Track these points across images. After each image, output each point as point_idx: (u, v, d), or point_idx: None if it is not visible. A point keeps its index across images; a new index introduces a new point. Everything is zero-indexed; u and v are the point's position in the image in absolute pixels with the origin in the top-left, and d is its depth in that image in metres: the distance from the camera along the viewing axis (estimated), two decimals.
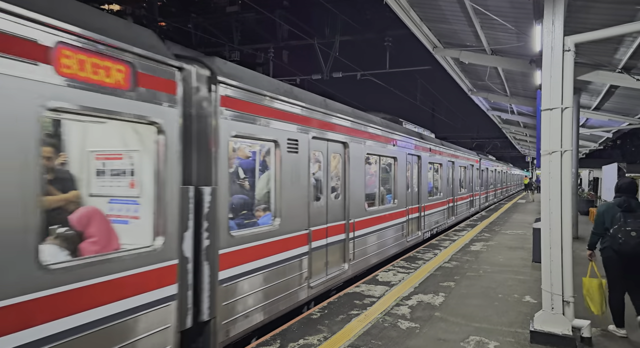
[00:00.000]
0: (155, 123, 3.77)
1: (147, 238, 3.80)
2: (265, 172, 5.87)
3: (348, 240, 7.51)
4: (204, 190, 4.27)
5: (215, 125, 4.44)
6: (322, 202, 6.80)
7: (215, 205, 4.37)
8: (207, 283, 4.31)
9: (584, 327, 4.85)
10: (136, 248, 3.64)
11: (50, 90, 2.92)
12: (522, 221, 17.57)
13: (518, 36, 7.55)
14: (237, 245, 4.75)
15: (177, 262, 3.97)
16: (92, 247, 3.65)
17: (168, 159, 3.89)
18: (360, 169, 7.99)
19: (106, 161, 4.40)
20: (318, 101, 6.76)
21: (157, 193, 3.83)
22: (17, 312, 2.69)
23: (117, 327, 3.36)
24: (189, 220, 4.12)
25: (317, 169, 6.81)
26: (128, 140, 4.11)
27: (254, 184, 5.99)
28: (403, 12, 7.48)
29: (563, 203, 4.80)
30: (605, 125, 15.89)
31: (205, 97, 4.39)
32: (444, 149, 15.00)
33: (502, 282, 7.66)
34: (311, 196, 6.33)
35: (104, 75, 3.30)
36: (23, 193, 2.77)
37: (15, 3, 2.73)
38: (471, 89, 13.61)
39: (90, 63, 3.20)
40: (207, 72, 4.42)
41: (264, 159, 6.02)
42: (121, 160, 4.29)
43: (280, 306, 5.58)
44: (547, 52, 4.86)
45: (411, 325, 5.44)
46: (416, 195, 11.72)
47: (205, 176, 4.36)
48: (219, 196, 4.42)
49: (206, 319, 4.30)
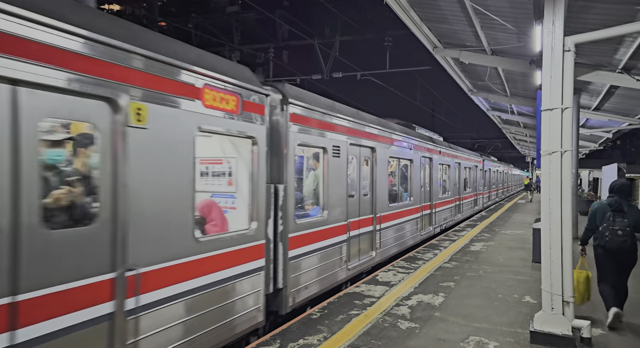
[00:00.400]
0: (251, 137, 5.06)
1: (244, 223, 5.05)
2: (313, 173, 7.10)
3: (375, 231, 8.79)
4: (279, 187, 5.58)
5: (286, 137, 5.75)
6: (355, 198, 7.97)
7: (286, 198, 5.67)
8: (281, 259, 5.65)
9: (583, 327, 4.85)
10: (239, 230, 4.90)
11: (200, 117, 4.25)
12: (522, 221, 17.57)
13: (518, 36, 7.56)
14: (299, 231, 6.05)
15: (264, 241, 5.26)
16: (213, 228, 4.93)
17: (259, 164, 5.19)
18: (384, 170, 9.23)
19: (209, 165, 5.83)
20: (352, 113, 7.93)
21: (252, 190, 5.12)
22: (180, 271, 4.01)
23: (231, 287, 4.66)
24: (271, 210, 5.45)
25: (352, 170, 7.91)
26: (226, 149, 5.49)
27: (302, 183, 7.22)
28: (403, 12, 7.49)
29: (563, 203, 4.80)
30: (605, 125, 15.90)
31: (280, 115, 5.74)
32: (452, 151, 16.12)
33: (502, 282, 7.66)
34: (348, 193, 7.56)
35: (226, 104, 4.62)
36: (189, 190, 4.12)
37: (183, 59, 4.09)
38: (471, 89, 13.62)
39: (219, 97, 4.52)
40: (280, 96, 5.74)
41: (313, 162, 7.24)
42: (221, 164, 5.65)
43: (327, 282, 6.89)
44: (547, 52, 4.86)
45: (411, 325, 5.44)
46: (428, 194, 12.86)
47: (279, 176, 5.68)
48: (288, 192, 5.70)
49: (280, 287, 5.64)
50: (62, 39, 3.02)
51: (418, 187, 11.73)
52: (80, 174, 3.54)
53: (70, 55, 3.07)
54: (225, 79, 4.58)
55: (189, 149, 4.11)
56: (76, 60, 3.11)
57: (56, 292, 2.97)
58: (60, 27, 3.00)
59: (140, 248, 3.60)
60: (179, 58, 4.03)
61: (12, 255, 2.72)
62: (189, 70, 4.11)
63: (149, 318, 3.68)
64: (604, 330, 5.36)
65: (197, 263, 4.20)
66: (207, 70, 4.34)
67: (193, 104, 4.15)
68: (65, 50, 3.05)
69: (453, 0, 6.83)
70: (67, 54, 3.06)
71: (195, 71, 4.19)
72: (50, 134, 3.45)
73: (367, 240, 8.45)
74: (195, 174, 4.22)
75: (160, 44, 3.95)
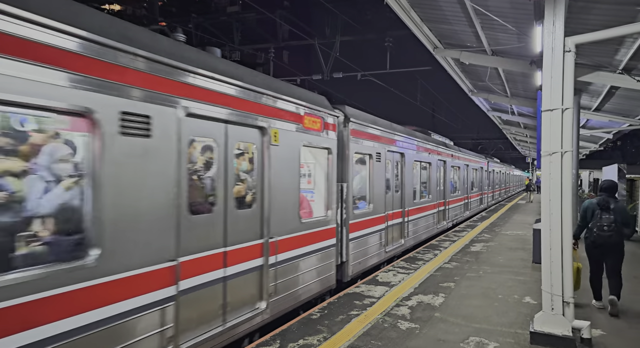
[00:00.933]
0: (327, 148, 7.00)
1: (322, 212, 7.05)
2: (360, 174, 8.71)
3: (404, 222, 10.63)
4: (343, 185, 7.50)
5: (348, 146, 7.67)
6: (390, 194, 9.77)
7: (348, 194, 7.59)
8: (345, 240, 7.58)
9: (584, 328, 4.85)
10: (320, 216, 6.87)
11: (303, 135, 6.17)
12: (523, 222, 17.56)
13: (519, 37, 7.55)
14: (355, 219, 7.94)
15: (335, 225, 7.23)
16: (305, 214, 6.46)
17: (332, 168, 7.15)
18: (410, 171, 11.08)
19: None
20: (388, 125, 9.88)
21: (327, 187, 7.13)
22: (294, 241, 5.97)
23: (320, 255, 6.72)
24: (339, 201, 7.42)
25: (388, 172, 9.69)
26: (306, 156, 6.89)
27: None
28: (404, 12, 7.48)
29: (563, 204, 4.80)
30: (606, 126, 15.88)
31: (343, 130, 7.63)
32: (461, 154, 18.08)
33: (502, 282, 7.66)
34: (386, 191, 9.43)
35: (315, 125, 6.48)
36: (298, 186, 6.14)
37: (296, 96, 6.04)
38: (472, 90, 13.61)
39: (311, 120, 6.39)
40: (343, 116, 7.63)
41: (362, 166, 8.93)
42: (303, 168, 6.85)
43: (372, 261, 8.77)
44: (548, 52, 4.86)
45: (411, 326, 5.44)
46: (442, 193, 14.65)
47: (342, 177, 7.54)
48: (349, 188, 7.65)
49: (344, 260, 7.61)
50: (250, 93, 5.07)
51: (435, 186, 13.60)
52: (247, 175, 5.30)
53: (248, 103, 5.05)
54: (314, 108, 6.49)
55: (297, 158, 6.06)
56: (252, 105, 5.12)
57: (241, 247, 4.97)
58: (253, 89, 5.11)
59: (275, 224, 5.49)
60: (295, 96, 6.02)
61: (224, 225, 4.70)
62: (298, 104, 6.07)
63: (281, 270, 5.62)
64: (603, 331, 5.36)
65: (302, 237, 6.19)
66: (306, 102, 6.24)
67: (299, 126, 6.10)
68: (246, 100, 5.01)
69: (453, 0, 6.82)
70: (247, 103, 5.02)
71: (301, 104, 6.11)
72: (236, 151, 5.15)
73: (398, 229, 10.36)
74: (300, 175, 6.18)
75: (282, 88, 5.87)
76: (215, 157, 4.66)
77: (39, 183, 3.27)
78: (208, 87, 4.42)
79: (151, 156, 3.78)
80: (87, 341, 3.18)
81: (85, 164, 3.35)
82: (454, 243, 12.05)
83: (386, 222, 9.39)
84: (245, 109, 4.95)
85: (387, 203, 9.53)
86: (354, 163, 8.07)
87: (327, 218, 6.96)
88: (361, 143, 8.19)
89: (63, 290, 3.04)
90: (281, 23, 16.75)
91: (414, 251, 10.73)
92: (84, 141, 3.38)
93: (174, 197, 3.99)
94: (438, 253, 10.47)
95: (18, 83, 2.82)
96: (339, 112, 7.38)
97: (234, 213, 4.83)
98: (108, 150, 3.40)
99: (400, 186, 10.48)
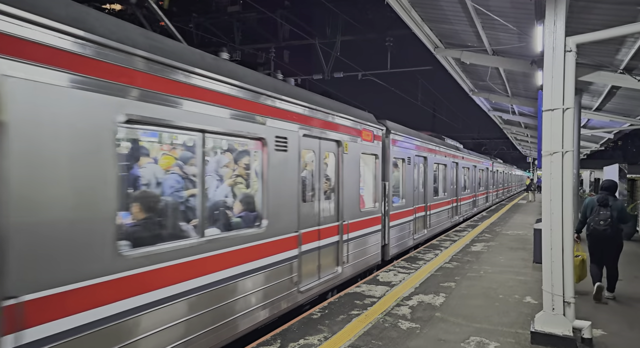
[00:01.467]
0: (375, 154, 8.90)
1: (370, 204, 8.82)
2: (394, 174, 10.10)
3: (426, 215, 12.60)
4: (386, 183, 9.36)
5: (389, 153, 9.59)
6: (416, 191, 11.67)
7: (389, 190, 9.49)
8: (387, 226, 9.46)
9: (584, 328, 4.85)
10: (370, 207, 8.66)
11: (361, 146, 8.03)
12: (523, 222, 17.55)
13: (519, 36, 7.55)
14: (393, 211, 9.83)
15: (381, 215, 9.12)
16: (361, 205, 8.24)
17: (378, 170, 9.03)
18: (431, 172, 13.01)
19: None
20: (416, 133, 11.98)
21: (375, 184, 8.99)
22: (357, 224, 7.91)
23: (373, 237, 8.61)
24: (383, 196, 9.31)
25: (416, 172, 11.69)
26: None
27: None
28: (404, 12, 7.48)
29: (564, 204, 4.79)
30: (607, 126, 15.87)
31: (386, 140, 9.53)
32: (470, 156, 19.96)
33: (503, 282, 7.66)
34: (414, 188, 11.42)
35: (368, 137, 8.30)
36: (359, 183, 8.05)
37: (357, 116, 7.97)
38: (472, 90, 13.60)
39: (366, 133, 8.21)
40: (385, 128, 9.47)
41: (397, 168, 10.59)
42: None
43: (403, 246, 10.59)
44: (549, 52, 4.85)
45: (412, 326, 5.44)
46: (455, 191, 16.51)
47: (385, 176, 9.36)
48: (390, 186, 9.53)
49: (386, 243, 9.47)
50: (334, 116, 6.99)
51: (449, 185, 15.60)
52: (329, 175, 7.25)
53: (332, 124, 6.93)
54: (368, 123, 8.41)
55: (358, 162, 7.97)
56: (334, 125, 7.03)
57: (327, 227, 6.87)
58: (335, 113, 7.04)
59: (346, 211, 7.43)
60: (355, 115, 7.84)
61: (318, 210, 6.62)
62: (359, 122, 7.95)
63: (350, 245, 7.55)
64: (604, 330, 5.36)
65: (362, 222, 8.11)
66: (363, 120, 8.16)
67: (359, 139, 7.98)
68: (330, 122, 6.89)
69: (454, 0, 6.82)
70: (331, 124, 6.91)
71: (360, 122, 8.01)
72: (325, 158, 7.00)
73: (422, 221, 12.20)
74: (360, 175, 8.04)
75: (350, 110, 7.83)
76: (314, 162, 6.66)
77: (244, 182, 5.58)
78: (312, 115, 6.40)
79: (287, 163, 5.77)
80: (260, 277, 5.21)
81: (259, 169, 5.37)
82: (454, 243, 12.05)
83: (414, 214, 11.38)
84: (330, 128, 6.93)
85: (415, 199, 11.44)
86: (392, 166, 9.88)
87: (375, 209, 8.85)
88: (397, 150, 10.15)
89: (250, 245, 5.01)
90: (282, 23, 16.75)
91: (415, 251, 10.74)
92: (259, 155, 5.37)
93: (296, 189, 5.97)
94: (439, 253, 10.47)
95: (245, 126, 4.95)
96: (382, 126, 9.35)
97: (323, 202, 6.85)
98: (270, 160, 5.38)
99: (423, 184, 12.41)
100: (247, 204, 5.38)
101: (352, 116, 7.64)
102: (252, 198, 5.41)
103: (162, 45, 3.95)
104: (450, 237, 13.28)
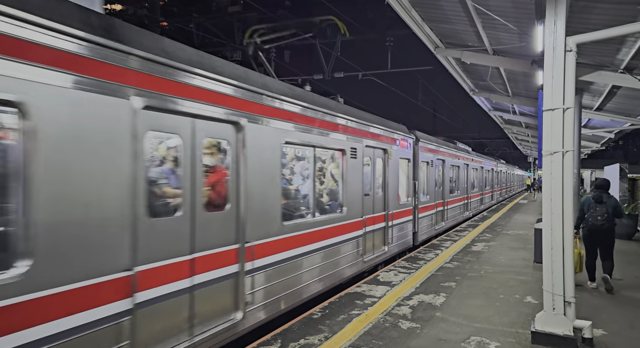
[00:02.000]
0: (408, 159, 11.02)
1: (404, 198, 10.76)
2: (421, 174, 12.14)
3: (444, 209, 14.73)
4: (416, 182, 11.33)
5: (418, 158, 11.61)
6: (436, 189, 13.78)
7: (418, 187, 11.53)
8: (416, 217, 11.38)
9: (585, 328, 4.84)
10: (405, 201, 10.70)
11: (400, 151, 10.31)
12: (524, 221, 17.54)
13: (520, 36, 7.54)
14: (421, 205, 11.76)
15: (412, 207, 11.14)
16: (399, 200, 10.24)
17: (410, 171, 11.23)
18: (447, 173, 15.15)
19: None
20: (436, 140, 14.17)
21: (408, 183, 11.13)
22: (398, 214, 10.12)
23: (406, 224, 10.74)
24: (414, 192, 11.28)
25: (436, 173, 13.75)
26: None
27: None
28: (404, 12, 7.48)
29: (565, 204, 4.79)
30: (607, 125, 15.85)
31: (415, 147, 11.52)
32: (478, 158, 22.32)
33: (504, 282, 7.65)
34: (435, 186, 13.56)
35: (404, 144, 10.57)
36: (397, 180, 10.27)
37: (396, 129, 10.36)
38: (473, 89, 13.60)
39: (402, 141, 10.44)
40: (415, 137, 11.53)
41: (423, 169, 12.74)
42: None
43: (428, 234, 12.63)
44: (549, 52, 4.85)
45: (412, 326, 5.44)
46: (465, 189, 18.52)
47: (415, 176, 11.36)
48: (419, 184, 11.61)
49: (416, 231, 11.38)
50: (384, 131, 9.36)
51: (462, 184, 17.73)
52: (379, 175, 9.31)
53: (382, 137, 9.18)
54: (404, 134, 10.62)
55: (398, 165, 10.03)
56: (384, 138, 9.25)
57: (378, 215, 8.94)
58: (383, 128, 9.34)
59: (390, 203, 9.44)
60: (395, 128, 9.95)
61: (372, 201, 8.71)
62: (397, 133, 10.05)
63: (393, 229, 9.74)
64: (605, 330, 5.36)
65: (400, 212, 10.14)
66: (400, 132, 10.26)
67: (398, 147, 10.05)
68: (382, 135, 9.21)
69: (455, 0, 6.82)
70: (382, 136, 9.18)
71: (399, 132, 10.15)
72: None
73: (440, 214, 14.25)
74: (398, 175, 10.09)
75: (391, 123, 9.84)
76: (370, 166, 8.65)
77: (331, 182, 7.50)
78: (371, 131, 8.49)
79: (356, 167, 7.79)
80: (344, 247, 7.33)
81: (342, 172, 7.39)
82: (455, 242, 12.05)
83: (435, 209, 13.50)
84: (382, 140, 9.10)
85: (436, 196, 13.60)
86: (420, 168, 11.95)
87: (408, 203, 10.91)
88: (423, 154, 12.17)
89: (335, 225, 7.00)
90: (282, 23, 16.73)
91: (415, 251, 10.74)
92: (340, 161, 7.42)
93: (362, 186, 8.05)
94: (439, 252, 10.47)
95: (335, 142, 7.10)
96: (413, 135, 11.48)
97: (377, 195, 8.94)
98: (347, 165, 7.43)
99: (442, 183, 14.49)
100: (334, 196, 7.46)
101: (393, 129, 9.84)
102: (337, 192, 7.46)
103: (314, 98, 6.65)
104: (451, 236, 13.27)
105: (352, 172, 7.53)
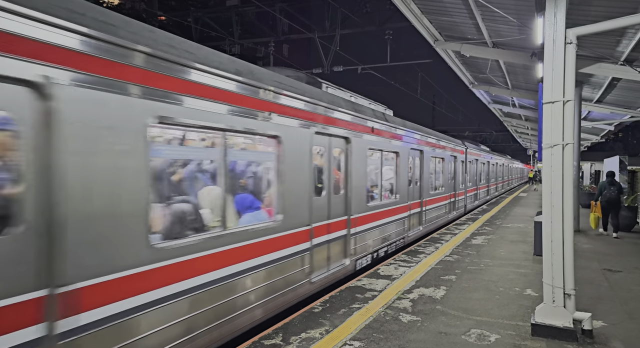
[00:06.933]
0: (462, 161, 17.29)
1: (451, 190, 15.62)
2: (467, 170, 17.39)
3: (456, 200, 16.59)
4: (466, 176, 18.53)
5: (466, 160, 17.91)
6: (475, 180, 19.55)
7: (466, 181, 18.09)
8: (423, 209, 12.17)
9: (584, 320, 4.86)
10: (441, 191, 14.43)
11: (458, 156, 16.58)
12: (524, 214, 17.57)
13: (519, 29, 7.51)
14: (429, 197, 12.71)
15: (454, 193, 16.08)
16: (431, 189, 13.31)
17: (462, 168, 17.42)
18: (460, 168, 17.01)
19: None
20: (475, 146, 20.59)
21: (462, 177, 17.67)
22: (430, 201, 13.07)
23: (444, 208, 14.74)
24: (464, 183, 17.75)
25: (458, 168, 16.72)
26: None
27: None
28: (403, 4, 7.44)
29: (564, 196, 4.79)
30: (607, 118, 15.85)
31: (465, 153, 17.57)
32: (485, 154, 24.54)
33: (504, 275, 7.68)
34: (474, 179, 19.70)
35: (460, 152, 16.92)
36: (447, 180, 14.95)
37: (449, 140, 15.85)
38: (472, 82, 13.57)
39: (459, 149, 16.78)
40: (465, 147, 17.74)
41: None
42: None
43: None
44: (549, 44, 4.82)
45: (412, 319, 5.46)
46: (476, 182, 21.16)
47: (465, 172, 17.73)
48: (467, 178, 18.77)
49: (463, 205, 17.83)
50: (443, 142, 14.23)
51: (473, 177, 20.20)
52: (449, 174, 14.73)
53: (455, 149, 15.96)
54: (460, 144, 16.63)
55: (454, 166, 15.66)
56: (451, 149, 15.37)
57: (414, 202, 11.32)
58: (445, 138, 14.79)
59: (424, 192, 11.97)
60: (451, 140, 15.02)
61: (412, 190, 11.10)
62: (456, 143, 15.89)
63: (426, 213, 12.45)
64: (605, 322, 5.38)
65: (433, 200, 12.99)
66: (458, 143, 16.26)
67: (458, 153, 16.21)
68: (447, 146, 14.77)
69: None
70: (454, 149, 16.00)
71: (459, 143, 16.56)
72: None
73: (453, 204, 16.14)
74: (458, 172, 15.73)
75: (453, 140, 16.09)
76: (417, 164, 11.01)
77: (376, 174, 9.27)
78: (431, 141, 11.50)
79: (401, 165, 10.04)
80: (397, 223, 9.93)
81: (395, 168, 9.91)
82: (455, 236, 12.07)
83: (449, 199, 15.49)
84: (453, 151, 13.94)
85: (476, 183, 18.68)
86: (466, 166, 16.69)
87: (453, 192, 14.69)
88: (469, 157, 16.83)
89: (379, 211, 8.84)
90: (281, 17, 16.67)
91: (415, 244, 10.77)
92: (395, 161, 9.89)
93: (406, 179, 10.37)
94: (439, 246, 10.49)
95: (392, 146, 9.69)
96: (464, 145, 16.10)
97: (415, 186, 11.03)
98: (399, 163, 9.91)
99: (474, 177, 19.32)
100: (392, 186, 9.86)
101: (449, 142, 14.16)
102: (392, 184, 9.85)
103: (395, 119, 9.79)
104: (451, 230, 13.30)
105: (400, 168, 10.04)
